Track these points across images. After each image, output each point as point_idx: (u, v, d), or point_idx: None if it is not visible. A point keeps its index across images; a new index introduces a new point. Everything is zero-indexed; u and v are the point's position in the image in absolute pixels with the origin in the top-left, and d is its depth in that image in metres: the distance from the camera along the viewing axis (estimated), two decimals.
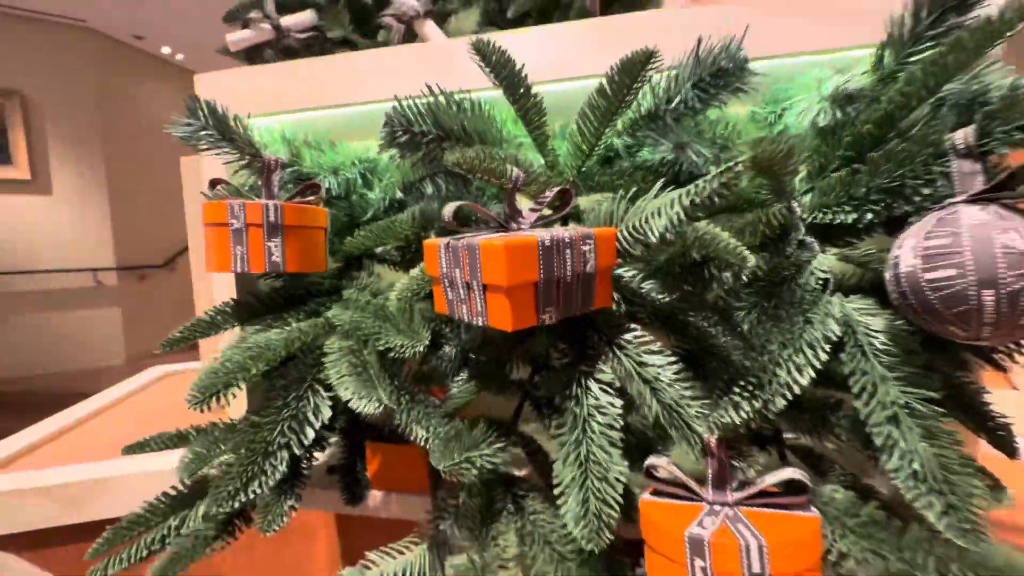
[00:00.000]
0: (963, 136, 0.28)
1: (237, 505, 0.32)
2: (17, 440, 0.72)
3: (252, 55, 0.71)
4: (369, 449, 0.49)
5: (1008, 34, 0.27)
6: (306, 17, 0.69)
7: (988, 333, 0.26)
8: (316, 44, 0.70)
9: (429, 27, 0.61)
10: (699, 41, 0.34)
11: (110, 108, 4.50)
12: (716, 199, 0.25)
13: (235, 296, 0.48)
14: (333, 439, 0.53)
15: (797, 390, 0.30)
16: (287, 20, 0.68)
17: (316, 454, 0.49)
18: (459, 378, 0.38)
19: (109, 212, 4.46)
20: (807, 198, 0.38)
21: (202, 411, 0.32)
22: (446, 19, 0.67)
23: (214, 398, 0.32)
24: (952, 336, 0.28)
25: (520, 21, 0.68)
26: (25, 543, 0.61)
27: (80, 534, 0.62)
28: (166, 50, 4.86)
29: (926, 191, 0.31)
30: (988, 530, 0.27)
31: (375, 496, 0.49)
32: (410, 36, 0.63)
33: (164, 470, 0.63)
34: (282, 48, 0.70)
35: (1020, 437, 0.64)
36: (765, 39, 0.40)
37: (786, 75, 0.42)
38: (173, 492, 0.43)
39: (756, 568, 0.25)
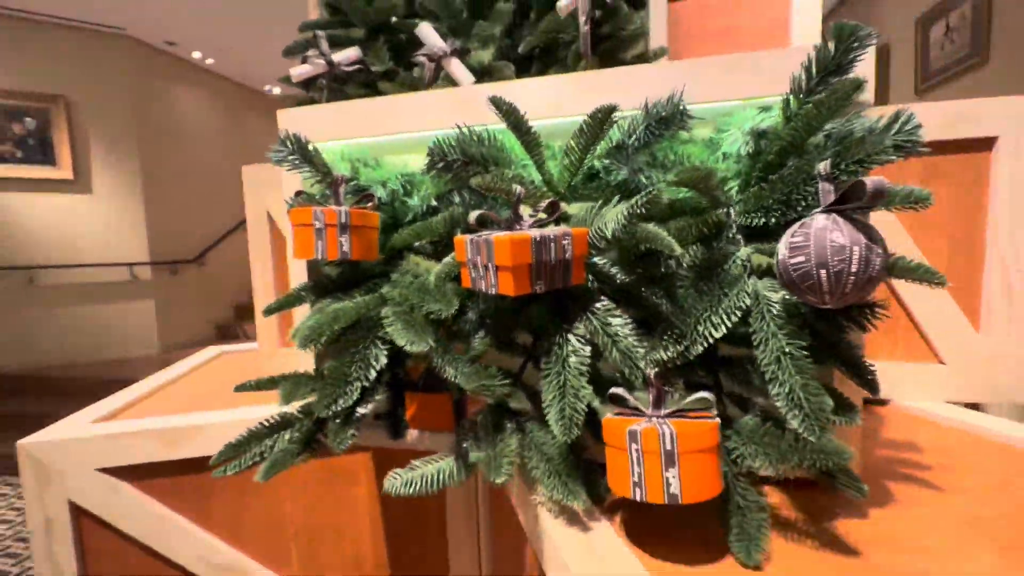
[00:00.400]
0: (823, 166, 0.41)
1: (331, 413, 0.47)
2: (119, 398, 0.89)
3: (308, 84, 0.86)
4: (407, 398, 0.64)
5: (847, 100, 0.41)
6: (352, 53, 0.84)
7: (828, 300, 0.39)
8: (361, 75, 0.85)
9: (454, 64, 0.75)
10: (646, 101, 0.48)
11: (145, 111, 4.75)
12: (644, 211, 0.39)
13: (308, 278, 0.63)
14: (379, 397, 0.68)
15: (711, 340, 0.44)
16: (337, 56, 0.83)
17: (367, 407, 0.64)
18: (478, 336, 0.52)
19: (144, 210, 4.71)
20: (739, 206, 0.52)
21: (309, 351, 0.46)
22: (468, 54, 0.81)
23: (313, 342, 0.47)
24: (810, 303, 0.41)
25: (528, 56, 0.82)
26: (133, 474, 0.77)
27: (176, 468, 0.78)
28: (197, 55, 5.09)
29: (804, 204, 0.44)
30: (829, 431, 0.40)
31: (411, 433, 0.64)
32: (439, 70, 0.77)
33: (241, 419, 0.78)
34: (333, 78, 0.85)
35: (948, 404, 0.76)
36: (712, 88, 0.54)
37: (728, 112, 0.55)
38: (266, 423, 0.58)
39: (668, 446, 0.39)
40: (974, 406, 1.09)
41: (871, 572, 0.40)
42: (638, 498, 0.40)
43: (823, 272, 0.38)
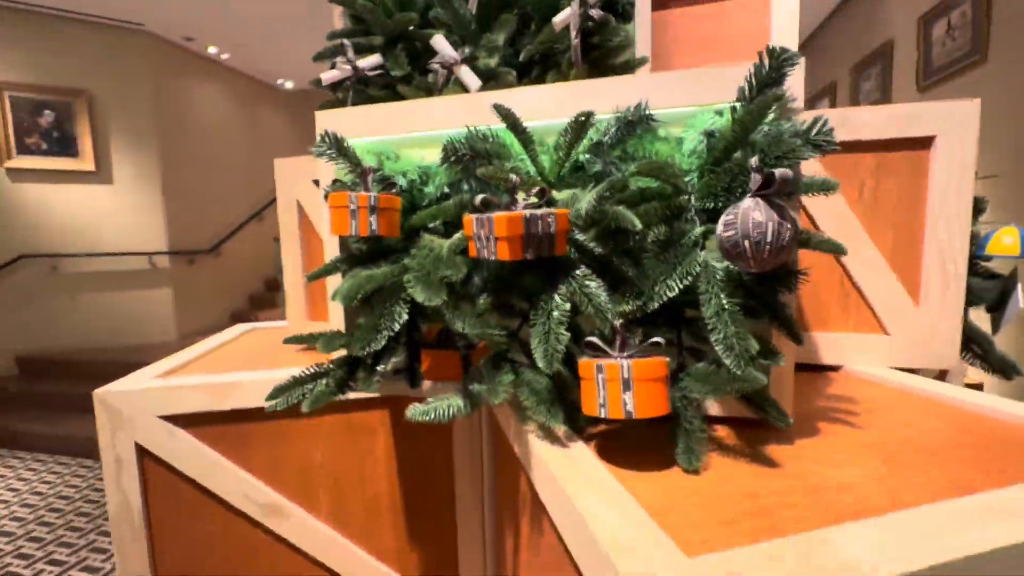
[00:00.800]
0: (753, 161, 0.53)
1: (364, 353, 0.60)
2: (175, 359, 1.02)
3: (335, 86, 0.98)
4: (423, 354, 0.76)
5: (769, 111, 0.52)
6: (375, 59, 0.96)
7: (752, 264, 0.51)
8: (382, 79, 0.96)
9: (464, 71, 0.87)
10: (616, 107, 0.59)
11: (164, 105, 4.90)
12: (609, 195, 0.51)
13: (339, 252, 0.75)
14: (396, 358, 0.81)
15: (665, 298, 0.56)
16: (361, 62, 0.95)
17: (389, 363, 0.76)
18: (482, 297, 0.64)
19: (162, 201, 4.87)
20: (697, 193, 0.63)
21: (349, 306, 0.59)
22: (476, 61, 0.92)
23: (351, 299, 0.59)
24: (741, 267, 0.52)
25: (529, 62, 0.93)
26: (187, 422, 0.90)
27: (223, 418, 0.91)
28: (213, 50, 5.23)
29: (740, 190, 0.55)
30: (751, 367, 0.51)
31: (426, 384, 0.77)
32: (450, 75, 0.89)
33: (276, 378, 0.91)
34: (358, 80, 0.97)
35: (890, 368, 0.87)
36: (678, 96, 0.65)
37: (692, 115, 0.66)
38: (307, 371, 0.71)
39: (625, 375, 0.50)
40: (942, 376, 1.19)
41: (783, 475, 0.52)
42: (603, 415, 0.52)
43: (747, 242, 0.50)
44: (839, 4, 4.44)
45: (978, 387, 2.65)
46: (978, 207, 0.83)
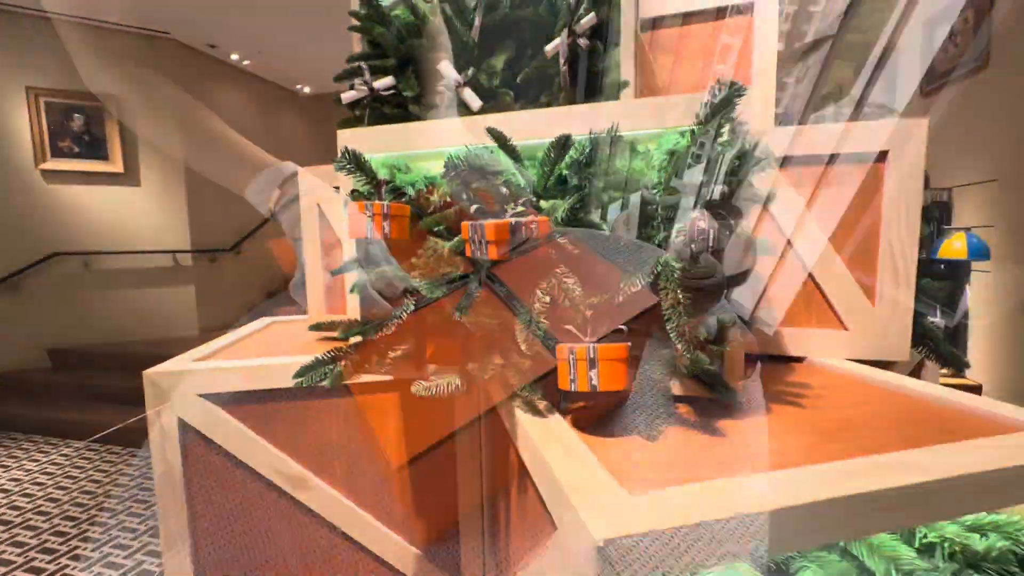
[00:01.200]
0: (704, 177, 0.63)
1: (376, 337, 0.71)
2: (211, 345, 1.15)
3: (353, 105, 1.10)
4: (427, 340, 0.87)
5: (718, 135, 0.62)
6: (388, 81, 1.08)
7: (702, 264, 0.61)
8: (395, 98, 1.08)
9: (467, 92, 0.98)
10: (591, 131, 0.70)
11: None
12: (580, 206, 0.61)
13: (356, 252, 0.87)
14: (405, 345, 0.92)
15: (631, 291, 0.66)
16: (377, 83, 1.07)
17: (397, 351, 0.87)
18: (477, 292, 0.75)
19: (186, 202, 5.07)
20: (661, 202, 0.73)
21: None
22: (477, 82, 1.03)
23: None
24: (691, 267, 0.63)
25: (525, 83, 1.04)
26: (223, 400, 1.02)
27: (254, 398, 1.03)
28: (235, 57, 5.43)
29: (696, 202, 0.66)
30: (701, 352, 0.61)
31: (430, 367, 0.88)
32: (454, 96, 1.00)
33: (300, 362, 1.02)
34: (374, 99, 1.09)
35: (847, 360, 0.96)
36: (648, 119, 0.75)
37: (660, 135, 0.77)
38: (328, 354, 0.83)
39: (592, 355, 0.61)
40: (916, 372, 1.27)
41: (727, 443, 0.62)
42: (573, 389, 0.62)
43: (693, 246, 0.60)
44: (843, 9, 4.47)
45: (976, 389, 2.69)
46: (928, 215, 0.91)
